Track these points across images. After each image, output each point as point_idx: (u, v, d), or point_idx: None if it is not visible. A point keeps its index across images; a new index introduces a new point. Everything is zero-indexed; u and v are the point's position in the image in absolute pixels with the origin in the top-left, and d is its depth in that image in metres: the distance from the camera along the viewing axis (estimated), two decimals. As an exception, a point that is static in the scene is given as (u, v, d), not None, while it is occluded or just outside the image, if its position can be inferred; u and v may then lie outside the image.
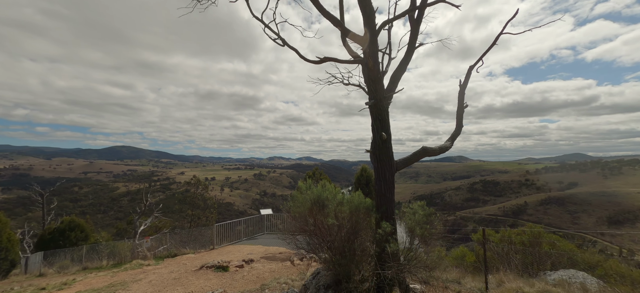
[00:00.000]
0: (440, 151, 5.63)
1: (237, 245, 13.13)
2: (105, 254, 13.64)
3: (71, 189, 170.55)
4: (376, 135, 5.15)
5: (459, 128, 5.87)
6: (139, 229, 17.44)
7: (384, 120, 5.13)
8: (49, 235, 18.56)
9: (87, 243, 19.00)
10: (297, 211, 5.03)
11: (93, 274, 10.27)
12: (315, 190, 4.91)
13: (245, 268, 8.47)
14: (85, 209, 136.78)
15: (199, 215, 23.66)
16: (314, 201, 4.71)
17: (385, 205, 4.91)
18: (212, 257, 10.95)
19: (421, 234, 4.32)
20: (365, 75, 5.34)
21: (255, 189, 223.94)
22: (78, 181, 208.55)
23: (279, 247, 12.64)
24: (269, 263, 9.51)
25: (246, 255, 11.09)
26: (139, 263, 9.91)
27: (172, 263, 10.11)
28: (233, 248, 12.42)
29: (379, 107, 5.10)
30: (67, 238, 18.76)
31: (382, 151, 5.06)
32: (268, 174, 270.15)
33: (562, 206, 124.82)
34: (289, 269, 8.16)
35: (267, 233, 15.50)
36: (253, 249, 12.19)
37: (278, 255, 10.96)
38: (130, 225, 27.52)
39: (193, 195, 23.90)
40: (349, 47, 5.31)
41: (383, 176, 4.94)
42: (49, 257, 16.19)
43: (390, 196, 4.93)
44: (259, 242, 13.86)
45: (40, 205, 24.85)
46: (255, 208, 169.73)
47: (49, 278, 11.79)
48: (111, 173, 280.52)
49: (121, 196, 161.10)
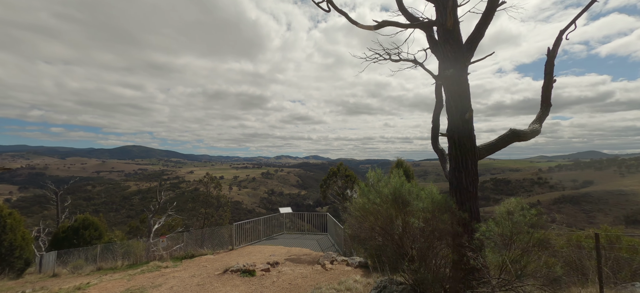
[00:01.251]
0: (532, 135, 4.61)
1: (257, 246, 12.38)
2: (119, 254, 13.09)
3: (84, 188, 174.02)
4: (455, 114, 4.21)
5: (547, 108, 4.86)
6: (154, 228, 16.92)
7: (465, 94, 4.19)
8: (63, 234, 18.23)
9: (101, 242, 18.59)
10: (369, 209, 4.01)
11: (108, 276, 9.66)
12: (394, 181, 3.97)
13: (273, 273, 7.66)
14: (98, 207, 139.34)
15: (212, 214, 23.09)
16: (394, 197, 3.79)
17: (469, 201, 4.00)
18: (233, 259, 10.21)
19: (527, 241, 3.35)
20: (432, 42, 4.43)
21: (263, 188, 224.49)
22: (91, 180, 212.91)
23: (302, 248, 11.84)
24: (296, 266, 8.69)
25: (268, 256, 10.32)
26: (156, 265, 9.24)
27: (191, 266, 9.40)
28: (253, 249, 11.67)
29: (459, 78, 4.16)
30: (81, 237, 18.40)
31: (463, 134, 4.14)
32: (276, 173, 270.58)
33: (576, 205, 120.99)
34: (323, 274, 7.32)
35: (287, 233, 14.73)
36: (275, 250, 11.41)
37: (303, 257, 10.15)
38: (143, 224, 27.17)
39: (206, 193, 23.35)
40: (407, 11, 4.41)
41: (464, 165, 4.04)
42: (63, 256, 15.79)
43: (473, 190, 4.03)
44: (279, 242, 13.10)
45: (55, 203, 24.71)
46: (264, 206, 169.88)
47: (62, 280, 11.25)
48: (123, 172, 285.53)
49: (132, 195, 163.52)
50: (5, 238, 15.54)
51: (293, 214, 14.80)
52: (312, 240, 13.27)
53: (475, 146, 4.23)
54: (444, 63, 4.36)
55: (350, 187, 14.63)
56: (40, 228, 24.05)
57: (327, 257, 8.87)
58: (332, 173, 15.75)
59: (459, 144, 4.15)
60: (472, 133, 4.23)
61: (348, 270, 7.58)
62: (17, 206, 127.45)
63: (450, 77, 4.19)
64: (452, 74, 4.15)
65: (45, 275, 14.05)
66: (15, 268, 15.82)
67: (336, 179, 15.68)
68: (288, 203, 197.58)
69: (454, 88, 4.20)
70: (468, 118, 4.08)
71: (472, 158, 4.12)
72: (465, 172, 4.05)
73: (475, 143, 4.23)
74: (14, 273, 15.57)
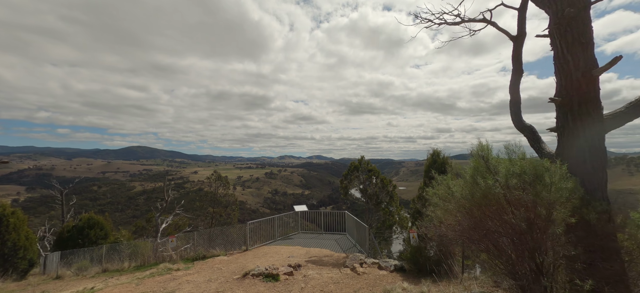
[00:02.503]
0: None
1: (272, 246, 11.55)
2: (126, 255, 12.35)
3: (90, 188, 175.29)
4: (574, 70, 3.25)
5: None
6: (161, 227, 16.20)
7: (590, 42, 3.23)
8: (67, 233, 17.59)
9: (106, 242, 17.92)
10: (485, 197, 2.80)
11: (114, 279, 8.91)
12: (519, 163, 2.87)
13: (297, 277, 6.82)
14: (103, 207, 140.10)
15: (220, 213, 22.36)
16: (534, 177, 2.68)
17: (600, 189, 3.07)
18: (249, 260, 9.40)
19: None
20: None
21: (267, 187, 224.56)
22: (97, 181, 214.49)
23: (321, 248, 10.98)
24: (320, 269, 7.85)
25: (287, 258, 9.48)
26: (167, 268, 8.44)
27: (204, 268, 8.60)
28: (269, 250, 10.85)
29: (582, 18, 3.21)
30: (86, 237, 17.74)
31: (588, 98, 3.14)
32: (279, 173, 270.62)
33: None
34: (356, 279, 6.46)
35: (302, 233, 13.89)
36: (292, 250, 10.58)
37: (325, 259, 9.29)
38: (149, 223, 26.52)
39: (214, 192, 22.63)
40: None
41: (590, 143, 3.03)
42: (68, 256, 15.13)
43: (603, 175, 3.08)
44: (295, 242, 12.26)
45: (60, 203, 24.17)
46: (268, 206, 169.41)
47: (66, 283, 10.53)
48: (128, 172, 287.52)
49: (137, 195, 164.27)
50: (8, 238, 14.91)
51: (309, 212, 13.97)
52: (330, 240, 12.42)
53: (603, 113, 3.30)
54: (556, 3, 3.43)
55: (377, 184, 13.68)
56: (46, 227, 23.54)
57: (354, 259, 8.01)
58: (354, 167, 14.78)
59: (579, 113, 3.20)
60: (599, 96, 3.31)
61: (383, 274, 6.71)
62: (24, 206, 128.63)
63: (567, 18, 3.21)
64: (571, 15, 3.19)
65: (48, 277, 13.38)
66: (18, 269, 15.20)
67: (358, 174, 14.72)
68: (292, 203, 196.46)
69: (574, 34, 3.21)
70: (596, 75, 3.16)
71: (600, 131, 3.17)
72: (592, 151, 3.08)
73: (602, 110, 3.31)
74: (17, 274, 14.95)
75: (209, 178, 23.06)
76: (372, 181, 14.11)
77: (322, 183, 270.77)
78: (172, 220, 18.00)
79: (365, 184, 14.29)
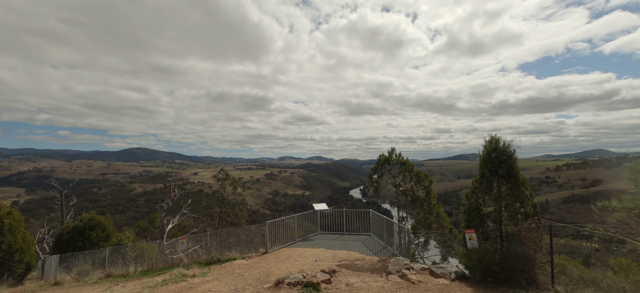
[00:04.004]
0: None
1: (293, 248, 10.47)
2: (131, 258, 11.28)
3: (90, 190, 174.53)
4: None
5: None
6: (167, 228, 15.13)
7: None
8: (67, 235, 16.50)
9: (108, 243, 16.85)
10: None
11: (120, 286, 7.86)
12: None
13: (339, 286, 5.76)
14: (104, 209, 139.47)
15: (227, 213, 21.27)
16: None
17: None
18: (271, 265, 8.33)
19: None
20: None
21: (267, 188, 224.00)
22: (97, 182, 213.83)
23: (349, 251, 9.92)
24: (358, 275, 6.79)
25: (314, 262, 8.42)
26: (181, 274, 7.37)
27: (223, 273, 7.53)
28: (291, 252, 9.78)
29: None
30: (87, 238, 16.66)
31: None
32: (279, 174, 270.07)
33: (587, 204, 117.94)
34: (412, 290, 5.39)
35: (322, 233, 12.82)
36: (317, 253, 9.51)
37: (358, 263, 8.23)
38: (152, 224, 25.42)
39: (221, 191, 21.55)
40: None
41: None
42: (68, 259, 14.06)
43: None
44: (317, 244, 11.18)
45: (59, 203, 23.09)
46: (268, 207, 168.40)
47: (65, 290, 9.45)
48: (128, 174, 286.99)
49: (138, 197, 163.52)
50: (3, 241, 13.83)
51: (330, 211, 12.90)
52: (355, 241, 11.36)
53: None
54: None
55: (412, 178, 12.47)
56: (46, 229, 22.46)
57: (397, 263, 6.94)
58: (384, 160, 13.56)
59: None
60: None
61: (443, 284, 5.64)
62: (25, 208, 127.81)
63: None
64: None
65: (46, 283, 12.30)
66: (15, 274, 14.12)
67: (390, 168, 13.52)
68: (292, 204, 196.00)
69: None
70: None
71: None
72: None
73: None
74: (14, 279, 13.88)
75: (215, 176, 21.98)
76: (407, 176, 12.88)
77: (323, 184, 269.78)
78: (178, 220, 16.94)
79: (398, 178, 13.07)
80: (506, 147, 6.23)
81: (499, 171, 6.13)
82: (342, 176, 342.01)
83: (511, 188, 5.98)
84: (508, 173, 6.02)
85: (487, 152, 6.41)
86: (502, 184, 6.12)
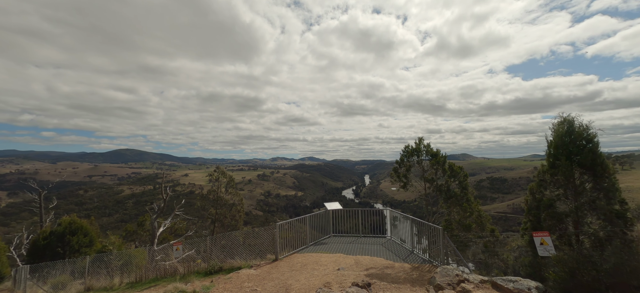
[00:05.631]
0: None
1: (307, 254, 9.12)
2: (116, 267, 9.73)
3: (76, 192, 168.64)
4: None
5: None
6: (158, 231, 13.55)
7: None
8: (44, 241, 14.71)
9: (92, 249, 15.14)
10: None
11: (101, 304, 6.41)
12: None
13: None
14: (90, 212, 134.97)
15: (224, 214, 19.72)
16: None
17: None
18: (285, 275, 6.99)
19: None
20: None
21: (260, 189, 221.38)
22: (83, 185, 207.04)
23: (372, 257, 8.63)
24: (399, 289, 5.54)
25: (335, 271, 7.12)
26: (178, 289, 5.95)
27: (230, 288, 6.15)
28: (305, 259, 8.43)
29: None
30: (67, 244, 14.91)
31: None
32: (272, 175, 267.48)
33: None
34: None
35: (335, 235, 11.49)
36: (336, 260, 8.20)
37: (388, 271, 6.96)
38: (141, 227, 23.57)
39: (216, 191, 20.00)
40: None
41: None
42: (43, 269, 12.34)
43: None
44: (331, 247, 9.86)
45: (38, 205, 21.06)
46: (260, 208, 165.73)
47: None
48: (116, 176, 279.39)
49: (126, 199, 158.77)
50: (-33, 249, 12.08)
51: (343, 211, 11.57)
52: (374, 245, 10.08)
53: None
54: None
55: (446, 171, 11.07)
56: (25, 234, 20.42)
57: (446, 274, 5.70)
58: (411, 151, 12.11)
59: None
60: None
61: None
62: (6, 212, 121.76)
63: None
64: None
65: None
66: (-18, 286, 12.38)
67: (419, 160, 12.07)
68: (285, 205, 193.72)
69: None
70: None
71: None
72: None
73: None
74: (-19, 291, 12.15)
75: (210, 175, 20.39)
76: (438, 169, 11.48)
77: (315, 184, 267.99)
78: (170, 223, 15.34)
79: (430, 172, 11.62)
80: (584, 129, 5.03)
81: (576, 158, 4.94)
82: (334, 176, 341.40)
83: (595, 180, 4.81)
84: (592, 162, 4.83)
85: (558, 136, 5.20)
86: (582, 175, 4.96)
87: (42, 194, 20.71)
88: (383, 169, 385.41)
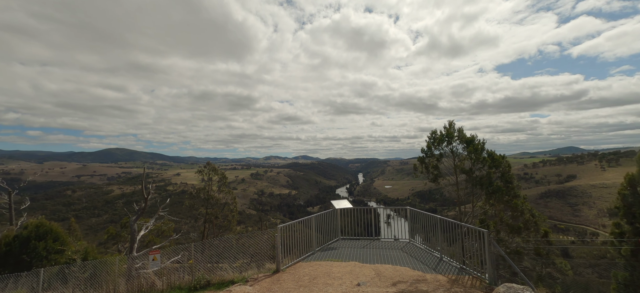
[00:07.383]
0: None
1: (315, 263, 7.52)
2: (81, 282, 7.99)
3: (64, 193, 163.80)
4: None
5: None
6: (139, 234, 11.78)
7: None
8: (5, 247, 12.78)
9: (63, 256, 13.28)
10: None
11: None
12: None
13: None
14: (79, 213, 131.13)
15: (216, 214, 17.98)
16: None
17: None
18: (290, 292, 5.39)
19: None
20: None
21: (253, 188, 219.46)
22: (71, 185, 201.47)
23: (394, 265, 7.09)
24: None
25: (354, 287, 5.57)
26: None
27: (218, 316, 4.52)
28: (313, 270, 6.84)
29: None
30: (33, 251, 13.02)
31: None
32: (265, 174, 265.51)
33: (562, 199, 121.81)
34: None
35: (343, 238, 9.93)
36: (352, 270, 6.63)
37: (422, 287, 5.44)
38: (125, 229, 21.67)
39: (207, 189, 18.24)
40: None
41: None
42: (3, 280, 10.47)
43: None
44: (342, 254, 8.28)
45: (8, 207, 18.92)
46: (254, 207, 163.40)
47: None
48: (105, 175, 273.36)
49: (116, 199, 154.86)
50: None
51: (353, 210, 10.01)
52: (393, 250, 8.54)
53: None
54: None
55: (486, 160, 9.33)
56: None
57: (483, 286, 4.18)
58: (441, 137, 10.24)
59: None
60: None
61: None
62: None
63: None
64: None
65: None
66: None
67: (451, 144, 10.18)
68: (278, 203, 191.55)
69: None
70: None
71: None
72: None
73: None
74: None
75: (200, 171, 18.61)
76: (475, 158, 9.65)
77: (309, 183, 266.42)
78: (153, 224, 13.58)
79: (456, 161, 9.70)
80: None
81: None
82: (328, 175, 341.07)
83: None
84: None
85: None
86: None
87: (12, 194, 18.61)
88: (377, 168, 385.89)
